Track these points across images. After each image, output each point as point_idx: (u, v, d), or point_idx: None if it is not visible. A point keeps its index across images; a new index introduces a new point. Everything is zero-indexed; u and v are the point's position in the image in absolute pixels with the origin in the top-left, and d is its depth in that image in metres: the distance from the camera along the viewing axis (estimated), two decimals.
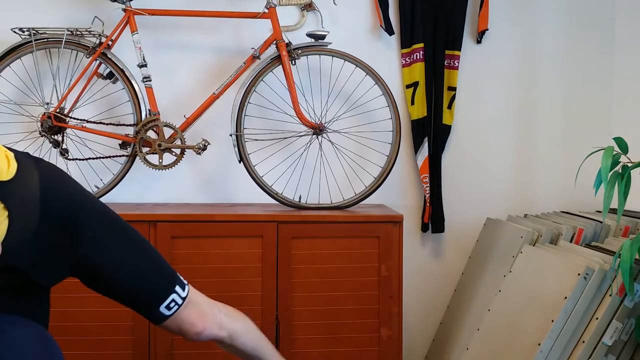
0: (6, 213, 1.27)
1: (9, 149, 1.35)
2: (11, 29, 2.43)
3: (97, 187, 2.50)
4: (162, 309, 1.47)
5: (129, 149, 2.49)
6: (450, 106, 2.79)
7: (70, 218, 1.35)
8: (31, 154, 1.41)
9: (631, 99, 2.80)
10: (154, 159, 2.52)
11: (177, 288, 1.47)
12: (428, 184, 2.77)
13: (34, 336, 1.23)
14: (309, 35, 2.51)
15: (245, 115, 2.51)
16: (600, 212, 2.68)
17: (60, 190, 1.36)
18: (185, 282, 1.51)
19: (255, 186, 2.52)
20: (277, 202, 2.52)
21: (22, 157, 1.35)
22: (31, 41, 2.42)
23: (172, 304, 1.46)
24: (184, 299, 1.47)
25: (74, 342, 2.20)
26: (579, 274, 1.99)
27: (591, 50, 2.91)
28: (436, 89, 2.78)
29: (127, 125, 2.50)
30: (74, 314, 2.22)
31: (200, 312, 1.53)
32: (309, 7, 2.66)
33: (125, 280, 1.45)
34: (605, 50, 2.91)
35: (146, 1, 2.51)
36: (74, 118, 2.48)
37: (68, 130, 2.52)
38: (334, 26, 2.70)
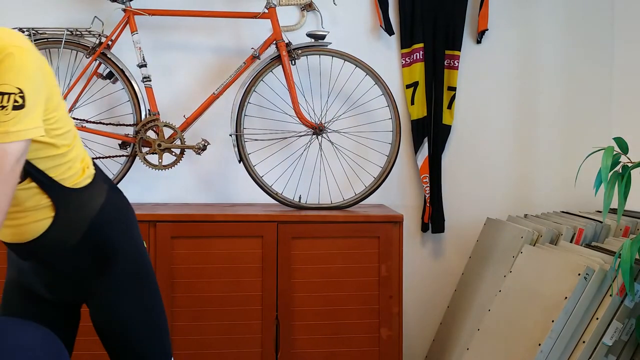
0: (52, 214, 1.33)
1: (96, 166, 1.44)
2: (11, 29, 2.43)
3: None
4: None
5: (128, 149, 2.49)
6: (450, 106, 2.78)
7: (107, 252, 1.41)
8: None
9: (631, 99, 2.79)
10: (153, 159, 2.52)
11: None
12: (428, 184, 2.77)
13: (41, 339, 1.24)
14: (309, 35, 2.51)
15: (245, 115, 2.51)
16: (600, 212, 2.68)
17: (112, 224, 1.42)
18: None
19: (255, 186, 2.52)
20: (277, 202, 2.52)
21: (100, 178, 1.44)
22: (31, 41, 2.42)
23: None
24: None
25: (76, 342, 2.19)
26: (579, 274, 1.99)
27: (591, 50, 2.91)
28: (436, 89, 2.77)
29: (127, 125, 2.50)
30: None
31: None
32: (309, 7, 2.66)
33: (123, 334, 1.47)
34: (605, 50, 2.91)
35: (146, 1, 2.51)
36: (74, 118, 2.48)
37: None
38: (334, 26, 2.70)
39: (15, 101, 1.16)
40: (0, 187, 1.17)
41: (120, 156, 2.50)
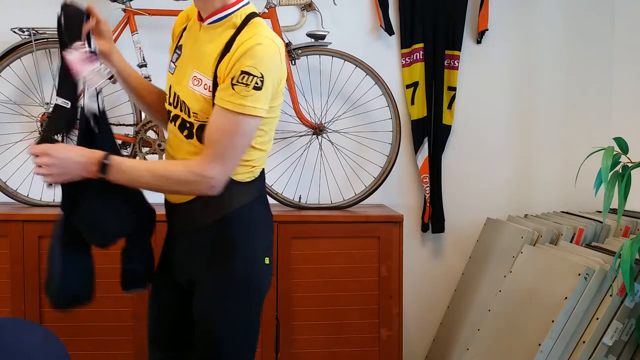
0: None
1: (262, 176, 1.57)
2: (11, 29, 2.43)
3: None
4: None
5: (128, 149, 2.49)
6: (450, 106, 2.78)
7: (227, 249, 1.47)
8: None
9: (631, 99, 2.79)
10: (154, 159, 2.51)
11: None
12: (428, 184, 2.77)
13: (42, 339, 1.24)
14: (309, 35, 2.51)
15: None
16: (600, 212, 2.68)
17: (244, 227, 1.49)
18: None
19: None
20: (277, 202, 2.52)
21: (256, 186, 1.53)
22: (31, 41, 2.42)
23: None
24: None
25: (76, 342, 2.20)
26: (579, 274, 1.99)
27: (591, 50, 2.91)
28: (436, 89, 2.77)
29: (127, 125, 2.50)
30: (77, 314, 2.20)
31: None
32: (309, 7, 2.66)
33: (209, 333, 1.49)
34: (605, 50, 2.91)
35: (146, 1, 2.51)
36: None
37: None
38: (334, 26, 2.70)
39: (256, 83, 1.36)
40: (222, 154, 1.39)
41: None
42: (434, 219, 2.80)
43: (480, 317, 2.40)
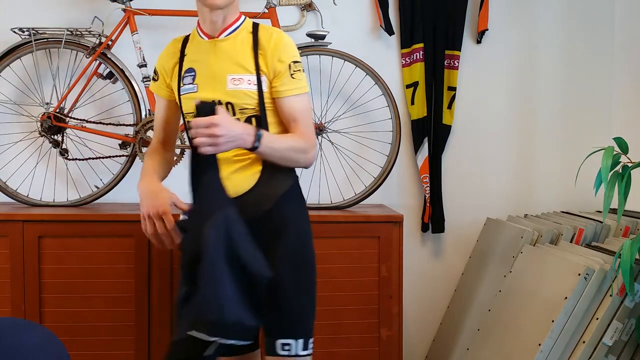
0: (258, 175, 1.68)
1: None
2: (11, 29, 2.43)
3: (97, 187, 2.50)
4: (278, 343, 1.63)
5: (128, 149, 2.49)
6: (450, 106, 2.78)
7: (283, 225, 1.67)
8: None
9: (631, 99, 2.79)
10: None
11: (303, 341, 1.65)
12: (428, 184, 2.77)
13: (42, 339, 1.24)
14: (309, 35, 2.51)
15: None
16: (600, 212, 2.68)
17: (295, 204, 1.74)
18: (311, 349, 1.68)
19: None
20: None
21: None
22: (31, 41, 2.42)
23: (287, 348, 1.63)
24: (297, 355, 1.63)
25: (76, 342, 2.20)
26: (579, 274, 1.99)
27: (591, 50, 2.91)
28: (436, 89, 2.77)
29: (127, 125, 2.50)
30: (77, 314, 2.22)
31: None
32: (309, 7, 2.66)
33: (277, 295, 1.63)
34: (605, 50, 2.91)
35: (146, 1, 2.51)
36: (74, 118, 2.48)
37: (68, 130, 2.52)
38: (334, 26, 2.70)
39: (301, 67, 1.70)
40: (310, 125, 1.70)
41: (120, 156, 2.50)
42: (434, 219, 2.80)
43: (480, 317, 2.40)
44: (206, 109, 1.54)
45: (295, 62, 1.68)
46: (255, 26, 1.72)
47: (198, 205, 1.60)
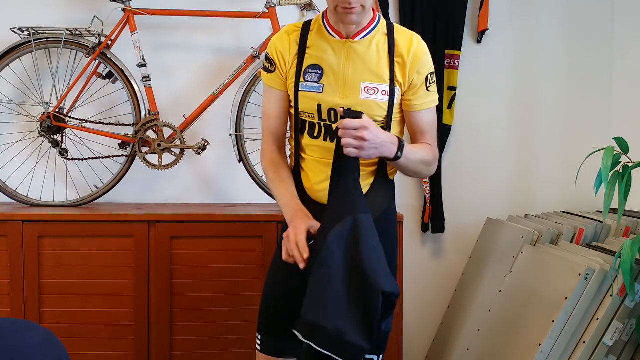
0: (370, 185, 1.68)
1: None
2: (10, 29, 2.43)
3: (97, 187, 2.50)
4: None
5: (128, 149, 2.49)
6: (450, 106, 2.78)
7: (384, 234, 1.60)
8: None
9: (631, 99, 2.79)
10: (153, 159, 2.51)
11: (382, 357, 1.65)
12: (428, 184, 2.77)
13: (42, 339, 1.24)
14: None
15: (245, 115, 2.50)
16: (600, 212, 2.68)
17: (393, 222, 1.74)
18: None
19: (255, 186, 2.52)
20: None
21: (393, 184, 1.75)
22: (30, 41, 2.42)
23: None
24: None
25: (76, 343, 2.20)
26: (579, 274, 1.98)
27: (591, 50, 2.90)
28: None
29: (127, 125, 2.50)
30: (77, 314, 2.22)
31: None
32: (308, 6, 2.65)
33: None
34: (605, 49, 2.91)
35: (146, 1, 2.50)
36: (73, 118, 2.48)
37: (67, 130, 2.52)
38: None
39: (434, 78, 1.68)
40: (436, 138, 1.73)
41: (119, 156, 2.50)
42: (434, 219, 2.80)
43: (480, 317, 2.40)
44: (353, 116, 1.50)
45: (431, 73, 1.65)
46: (391, 27, 1.65)
47: (333, 207, 1.55)
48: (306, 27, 1.66)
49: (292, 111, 1.69)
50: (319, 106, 1.62)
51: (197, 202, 2.70)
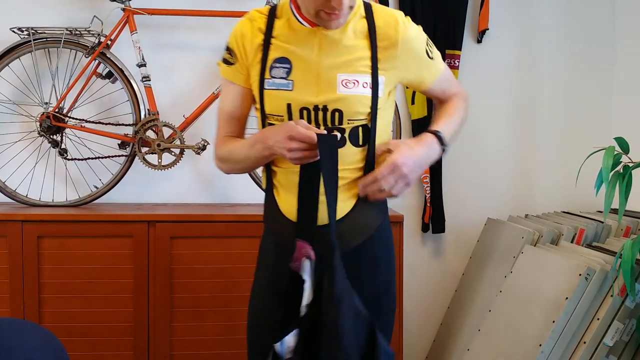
0: (354, 201, 1.41)
1: None
2: (10, 29, 2.43)
3: (96, 187, 2.50)
4: None
5: (128, 148, 2.49)
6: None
7: (374, 261, 1.44)
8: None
9: (632, 99, 2.79)
10: (153, 159, 2.51)
11: None
12: (428, 184, 2.76)
13: (42, 339, 1.24)
14: None
15: None
16: (601, 212, 2.67)
17: (387, 242, 1.50)
18: None
19: (255, 186, 2.52)
20: None
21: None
22: (30, 41, 2.41)
23: None
24: None
25: (76, 343, 2.20)
26: (580, 275, 1.98)
27: (591, 49, 2.90)
28: None
29: (126, 125, 2.49)
30: (77, 314, 2.22)
31: None
32: None
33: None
34: (606, 49, 2.90)
35: (146, 1, 2.50)
36: (73, 118, 2.48)
37: (67, 130, 2.51)
38: None
39: (430, 41, 1.48)
40: (456, 81, 1.65)
41: (119, 156, 2.50)
42: (434, 219, 2.80)
43: (480, 318, 2.39)
44: (330, 144, 1.30)
45: (427, 42, 1.45)
46: (368, 8, 1.40)
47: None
48: (273, 13, 1.41)
49: (259, 114, 1.44)
50: (289, 106, 1.37)
51: (197, 202, 2.70)
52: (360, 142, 1.40)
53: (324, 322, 1.25)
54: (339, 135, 1.34)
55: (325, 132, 1.33)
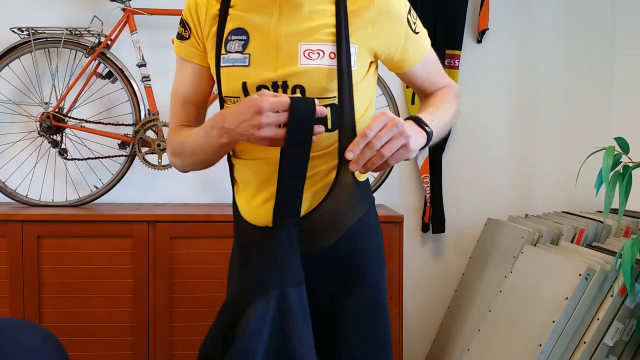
0: (327, 190, 1.19)
1: None
2: (10, 29, 2.43)
3: (96, 187, 2.50)
4: None
5: (128, 148, 2.49)
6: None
7: (353, 267, 1.23)
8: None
9: (632, 99, 2.79)
10: (153, 159, 2.51)
11: None
12: (428, 184, 2.76)
13: (42, 339, 1.24)
14: None
15: None
16: (601, 212, 2.67)
17: (370, 238, 1.27)
18: None
19: None
20: None
21: (369, 183, 1.31)
22: (30, 41, 2.41)
23: None
24: None
25: (76, 343, 2.20)
26: (580, 275, 1.98)
27: (591, 50, 2.90)
28: None
29: (126, 125, 2.49)
30: (77, 314, 2.22)
31: None
32: None
33: (347, 341, 1.22)
34: (606, 49, 2.90)
35: (145, 0, 2.50)
36: (73, 118, 2.48)
37: (67, 130, 2.51)
38: None
39: (415, 14, 1.28)
40: (443, 71, 1.39)
41: (119, 156, 2.50)
42: (434, 219, 2.80)
43: (480, 318, 2.39)
44: (306, 109, 1.07)
45: (409, 11, 1.23)
46: None
47: (260, 263, 1.15)
48: None
49: (219, 99, 1.27)
50: (244, 85, 1.18)
51: (196, 202, 2.70)
52: (329, 126, 1.18)
53: None
54: (317, 100, 1.09)
55: (299, 95, 1.14)
